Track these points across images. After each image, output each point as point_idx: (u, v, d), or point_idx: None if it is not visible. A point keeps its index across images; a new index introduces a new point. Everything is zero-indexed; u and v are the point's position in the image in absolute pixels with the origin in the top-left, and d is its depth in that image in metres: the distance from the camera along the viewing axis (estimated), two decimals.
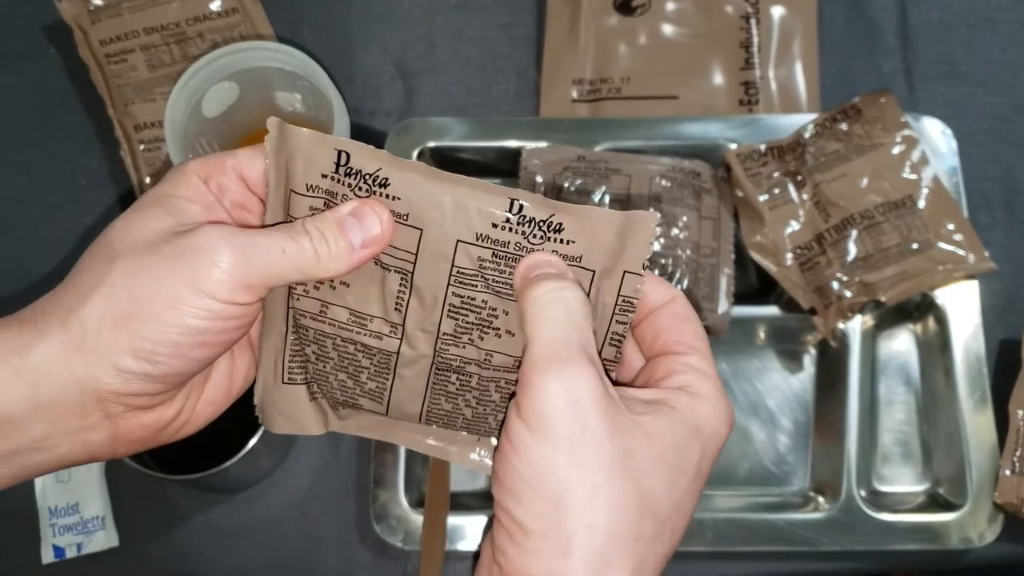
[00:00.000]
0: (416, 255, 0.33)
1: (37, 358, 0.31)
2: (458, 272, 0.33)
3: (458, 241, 0.33)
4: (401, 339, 0.35)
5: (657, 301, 0.36)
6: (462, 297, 0.34)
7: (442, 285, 0.34)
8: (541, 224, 0.32)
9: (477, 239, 0.33)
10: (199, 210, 0.33)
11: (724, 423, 0.34)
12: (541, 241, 0.33)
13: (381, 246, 0.33)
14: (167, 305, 0.31)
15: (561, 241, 0.33)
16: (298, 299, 0.35)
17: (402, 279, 0.34)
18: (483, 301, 0.34)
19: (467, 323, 0.34)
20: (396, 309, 0.34)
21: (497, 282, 0.33)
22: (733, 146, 0.65)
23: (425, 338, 0.35)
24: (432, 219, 0.33)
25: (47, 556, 0.61)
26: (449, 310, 0.34)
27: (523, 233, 0.32)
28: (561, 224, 0.32)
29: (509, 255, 0.33)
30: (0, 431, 0.31)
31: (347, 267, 0.33)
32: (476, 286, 0.33)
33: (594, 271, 0.33)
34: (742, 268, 0.63)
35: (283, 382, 0.38)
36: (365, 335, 0.35)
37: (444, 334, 0.34)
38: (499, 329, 0.34)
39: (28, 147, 0.71)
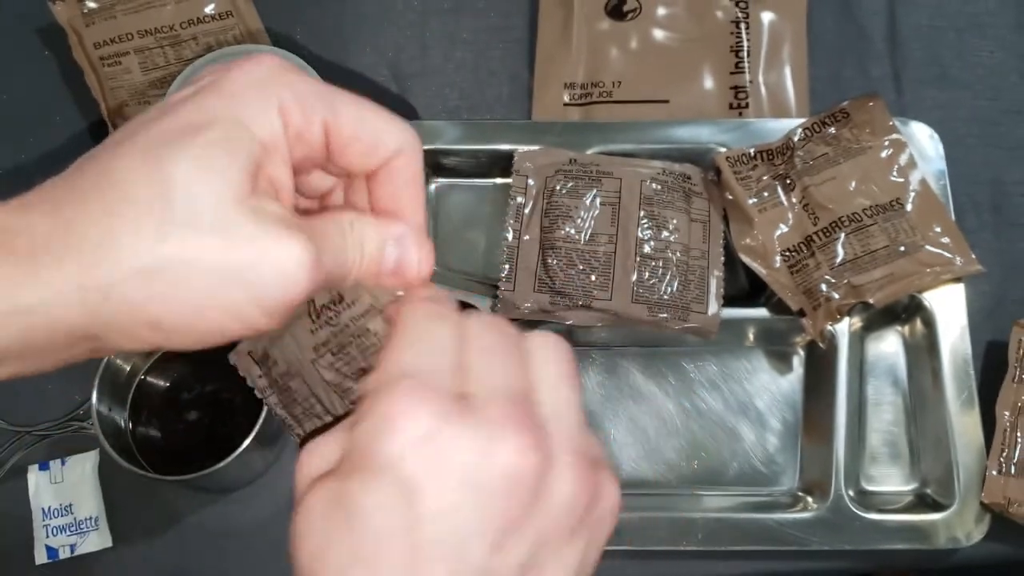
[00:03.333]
0: None
1: (35, 307, 0.26)
2: None
3: None
4: None
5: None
6: None
7: None
8: None
9: None
10: (272, 172, 0.28)
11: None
12: None
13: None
14: (217, 307, 0.26)
15: None
16: None
17: None
18: None
19: None
20: None
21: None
22: (723, 150, 0.65)
23: None
24: None
25: (40, 557, 0.61)
26: None
27: None
28: None
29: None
30: None
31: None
32: None
33: None
34: (732, 270, 0.64)
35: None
36: None
37: None
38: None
39: (23, 150, 0.71)
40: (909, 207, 0.63)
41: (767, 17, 0.72)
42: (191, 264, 0.26)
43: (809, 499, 0.61)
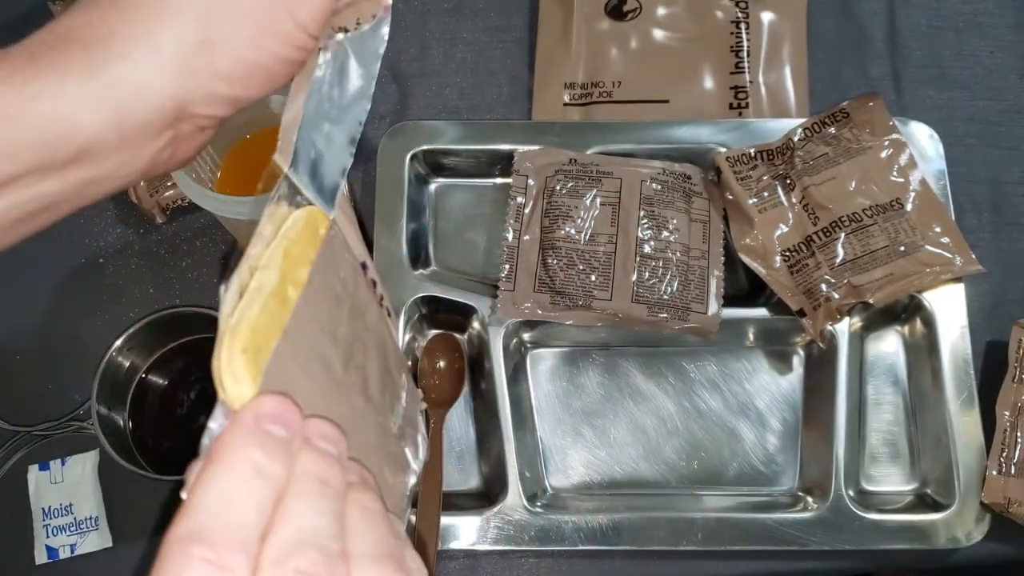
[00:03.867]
0: None
1: (120, 82, 0.28)
2: None
3: None
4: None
5: None
6: None
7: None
8: None
9: None
10: None
11: None
12: None
13: None
14: (268, 34, 0.30)
15: None
16: None
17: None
18: None
19: None
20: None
21: None
22: (723, 150, 0.65)
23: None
24: None
25: (40, 557, 0.61)
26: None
27: None
28: None
29: None
30: (79, 162, 0.29)
31: None
32: None
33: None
34: (732, 270, 0.64)
35: None
36: None
37: None
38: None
39: None
40: (909, 207, 0.63)
41: (767, 17, 0.72)
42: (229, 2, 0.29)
43: (809, 499, 0.61)
